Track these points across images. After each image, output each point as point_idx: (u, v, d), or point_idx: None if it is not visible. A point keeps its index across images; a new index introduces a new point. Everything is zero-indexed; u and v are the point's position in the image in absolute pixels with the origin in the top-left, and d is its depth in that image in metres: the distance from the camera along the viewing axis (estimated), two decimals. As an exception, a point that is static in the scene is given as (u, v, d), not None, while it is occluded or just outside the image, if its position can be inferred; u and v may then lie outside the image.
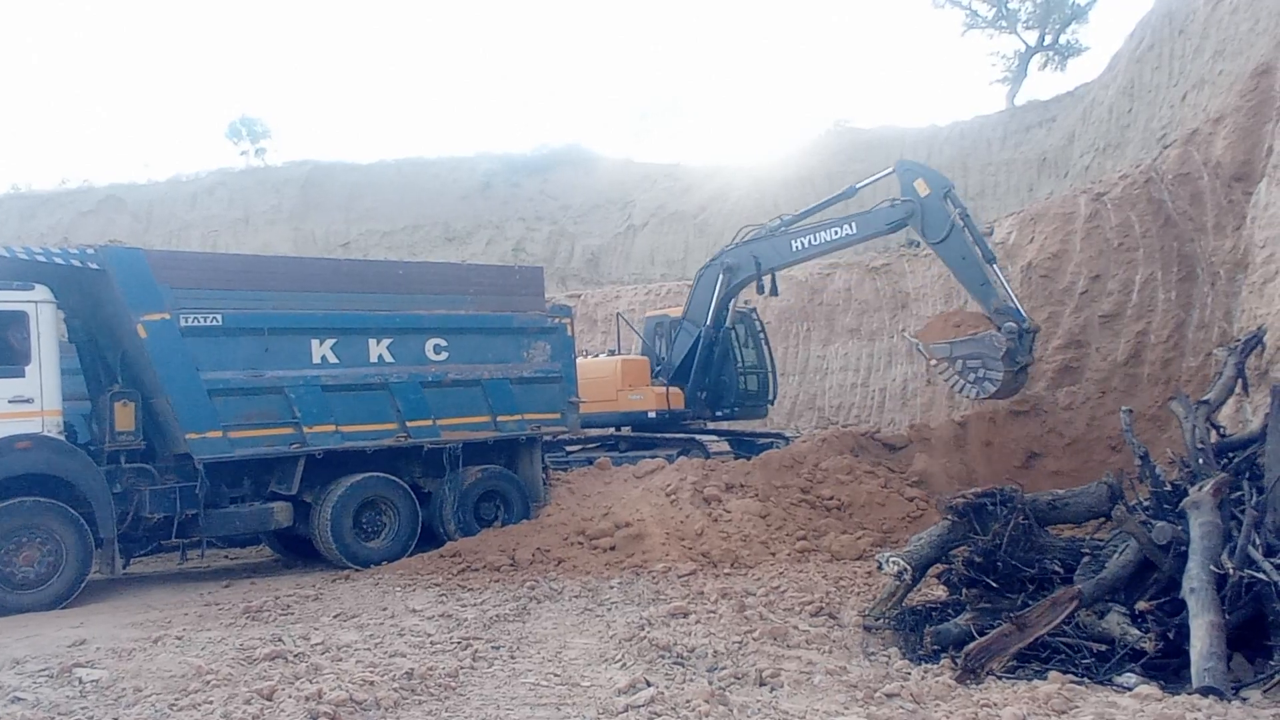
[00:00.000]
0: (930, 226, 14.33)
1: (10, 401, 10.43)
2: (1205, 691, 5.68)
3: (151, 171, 42.06)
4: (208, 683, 6.42)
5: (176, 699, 6.14)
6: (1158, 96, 20.94)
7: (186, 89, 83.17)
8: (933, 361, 14.62)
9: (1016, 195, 30.28)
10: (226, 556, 14.34)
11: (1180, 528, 7.08)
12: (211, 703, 5.99)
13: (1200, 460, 8.41)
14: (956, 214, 14.28)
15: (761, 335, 18.20)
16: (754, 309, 18.59)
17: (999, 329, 13.74)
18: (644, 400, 16.90)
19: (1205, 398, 9.96)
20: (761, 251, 16.19)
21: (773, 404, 18.76)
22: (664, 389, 16.89)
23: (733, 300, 17.05)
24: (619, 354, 18.44)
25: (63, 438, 10.84)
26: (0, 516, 10.21)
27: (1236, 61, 15.62)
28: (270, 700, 5.97)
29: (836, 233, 15.34)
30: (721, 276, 16.56)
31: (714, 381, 17.31)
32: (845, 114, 44.73)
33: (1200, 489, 7.36)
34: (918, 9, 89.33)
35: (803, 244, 15.72)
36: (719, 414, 17.59)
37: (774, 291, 16.74)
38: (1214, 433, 9.29)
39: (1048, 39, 35.48)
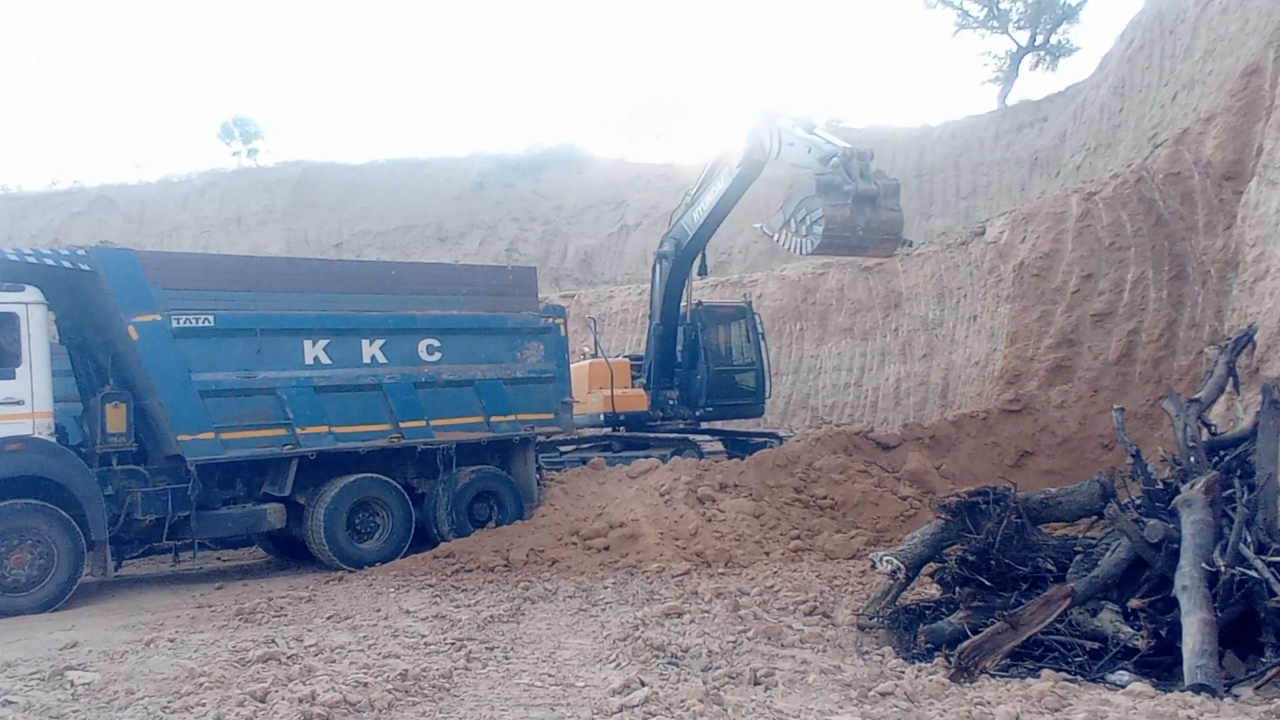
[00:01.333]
0: (769, 147, 13.87)
1: (1, 403, 10.39)
2: (1198, 689, 5.70)
3: (143, 172, 41.95)
4: (200, 685, 6.40)
5: (169, 701, 6.12)
6: (1148, 96, 21.00)
7: (178, 89, 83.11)
8: (775, 238, 13.32)
9: (1008, 195, 30.37)
10: (219, 558, 14.30)
11: (1172, 526, 7.10)
12: (204, 705, 5.97)
13: (1192, 458, 8.41)
14: (771, 118, 13.79)
15: (759, 332, 17.95)
16: (750, 302, 18.41)
17: None
18: (594, 404, 16.86)
19: (1196, 396, 9.97)
20: (677, 232, 16.14)
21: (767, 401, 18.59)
22: (609, 393, 16.76)
23: (683, 292, 16.77)
24: (595, 357, 18.38)
25: (54, 440, 10.80)
26: (-9, 519, 10.17)
27: (1226, 61, 15.67)
28: (264, 702, 5.95)
29: (716, 190, 15.14)
30: (659, 268, 16.49)
31: (684, 380, 17.13)
32: (837, 114, 44.75)
33: (1192, 487, 7.38)
34: (909, 9, 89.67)
35: (700, 212, 15.58)
36: (698, 414, 17.23)
37: (703, 271, 16.55)
38: (1205, 431, 9.30)
39: (1039, 39, 35.58)
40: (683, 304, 17.06)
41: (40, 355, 10.70)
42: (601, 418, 16.92)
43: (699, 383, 17.10)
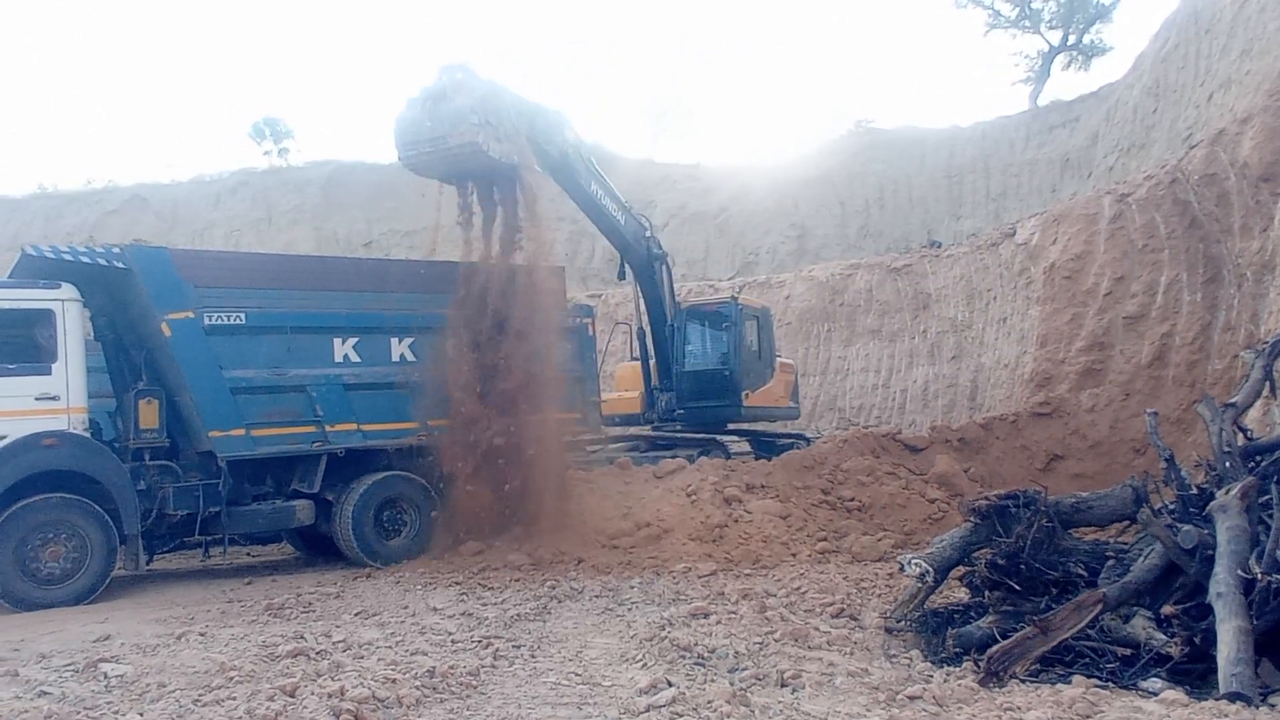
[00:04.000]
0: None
1: (37, 399, 10.54)
2: (1232, 697, 5.62)
3: (175, 172, 42.37)
4: (231, 679, 6.46)
5: (200, 695, 6.18)
6: (1183, 96, 20.75)
7: (210, 90, 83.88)
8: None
9: (1039, 196, 30.11)
10: (248, 554, 14.46)
11: (1206, 531, 7.00)
12: (235, 699, 6.02)
13: (1227, 463, 8.29)
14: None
15: (739, 329, 16.79)
16: (735, 299, 17.80)
17: None
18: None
19: (1232, 400, 9.81)
20: None
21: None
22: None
23: (662, 292, 15.81)
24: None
25: (88, 435, 10.95)
26: (26, 513, 10.32)
27: (1264, 61, 15.45)
28: (293, 697, 5.99)
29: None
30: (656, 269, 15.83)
31: (673, 381, 16.37)
32: (866, 114, 44.67)
33: (1227, 492, 7.27)
34: (940, 9, 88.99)
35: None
36: (673, 418, 16.18)
37: (620, 274, 16.08)
38: (1241, 436, 9.16)
39: (1071, 39, 35.26)
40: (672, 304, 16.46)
41: (76, 351, 10.84)
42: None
43: (674, 385, 16.19)
